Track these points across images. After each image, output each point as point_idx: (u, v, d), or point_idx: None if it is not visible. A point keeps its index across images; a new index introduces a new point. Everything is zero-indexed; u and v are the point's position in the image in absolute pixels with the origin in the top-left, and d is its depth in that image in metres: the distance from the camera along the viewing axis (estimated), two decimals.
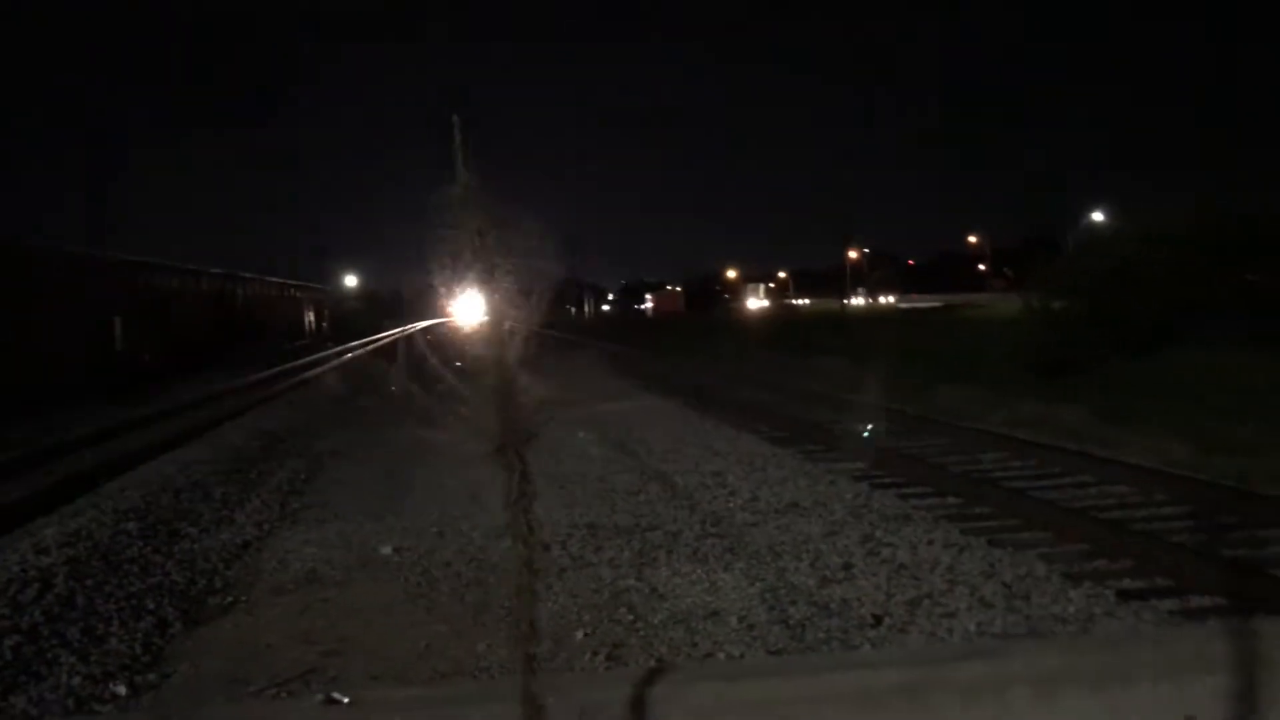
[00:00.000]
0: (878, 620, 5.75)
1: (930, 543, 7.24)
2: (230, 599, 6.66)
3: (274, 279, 55.71)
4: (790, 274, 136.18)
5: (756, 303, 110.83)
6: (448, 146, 1.14)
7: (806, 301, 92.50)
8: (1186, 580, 6.14)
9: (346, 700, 1.28)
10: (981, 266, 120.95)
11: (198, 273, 39.49)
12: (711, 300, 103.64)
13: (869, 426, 13.69)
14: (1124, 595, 5.97)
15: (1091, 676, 1.54)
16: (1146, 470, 9.45)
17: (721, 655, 5.32)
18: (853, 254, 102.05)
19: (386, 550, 7.65)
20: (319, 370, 29.01)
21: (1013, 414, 13.82)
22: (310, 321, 64.39)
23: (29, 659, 5.28)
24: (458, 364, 29.02)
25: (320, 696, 1.28)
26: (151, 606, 6.29)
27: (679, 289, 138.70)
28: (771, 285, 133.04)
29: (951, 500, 8.74)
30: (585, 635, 5.65)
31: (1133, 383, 14.58)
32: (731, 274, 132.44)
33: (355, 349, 41.99)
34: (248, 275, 48.74)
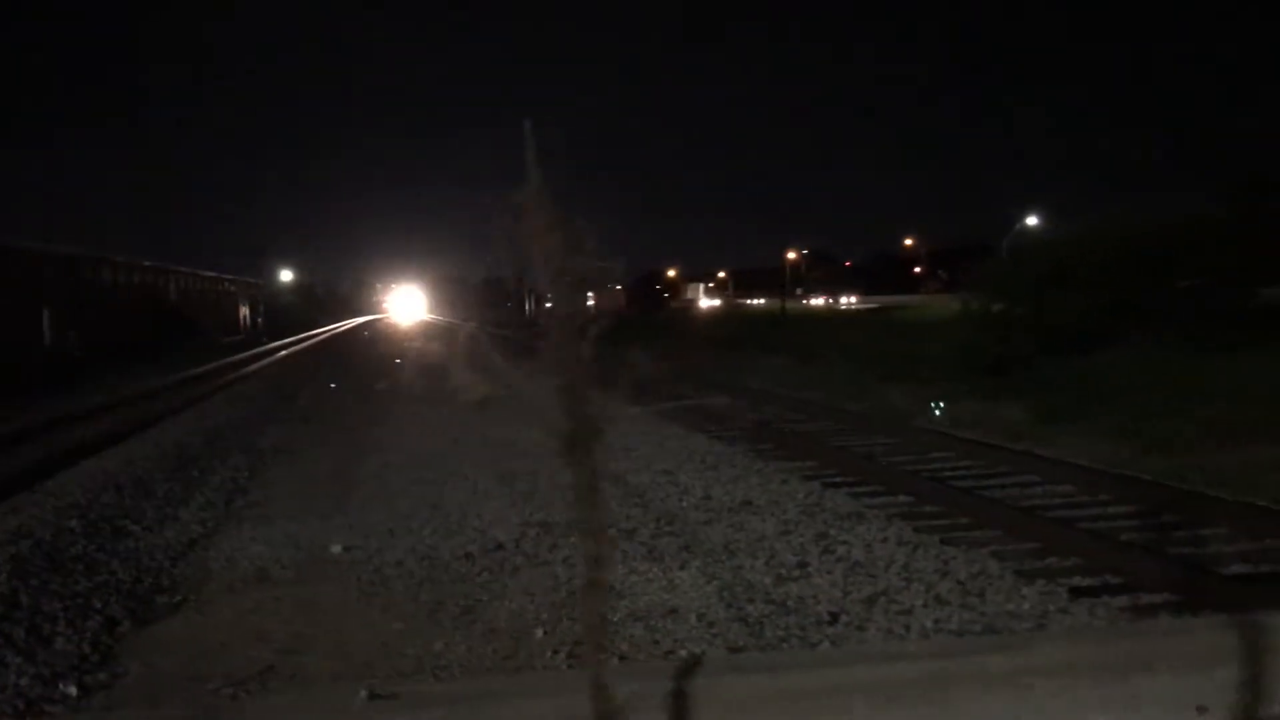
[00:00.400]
0: (834, 618, 5.79)
1: (884, 541, 7.32)
2: (180, 597, 6.52)
3: (208, 273, 54.84)
4: (730, 273, 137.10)
5: (707, 301, 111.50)
6: (522, 152, 1.13)
7: (762, 301, 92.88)
8: (1135, 578, 6.28)
9: (388, 695, 1.26)
10: (917, 269, 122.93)
11: (130, 265, 38.70)
12: (652, 299, 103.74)
13: (818, 425, 13.84)
14: (1076, 592, 6.08)
15: (1108, 668, 1.57)
16: (1089, 470, 9.65)
17: (683, 652, 5.32)
18: (791, 254, 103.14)
19: (336, 549, 7.55)
20: (256, 366, 28.56)
21: (955, 413, 14.04)
22: (245, 316, 63.40)
23: None
24: (397, 360, 28.80)
25: (364, 691, 1.26)
26: (99, 605, 6.14)
27: (619, 287, 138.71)
28: (711, 285, 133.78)
29: (903, 498, 8.84)
30: (545, 634, 5.62)
31: (1071, 383, 14.87)
32: (671, 273, 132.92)
33: (291, 345, 41.39)
34: (181, 269, 47.90)
